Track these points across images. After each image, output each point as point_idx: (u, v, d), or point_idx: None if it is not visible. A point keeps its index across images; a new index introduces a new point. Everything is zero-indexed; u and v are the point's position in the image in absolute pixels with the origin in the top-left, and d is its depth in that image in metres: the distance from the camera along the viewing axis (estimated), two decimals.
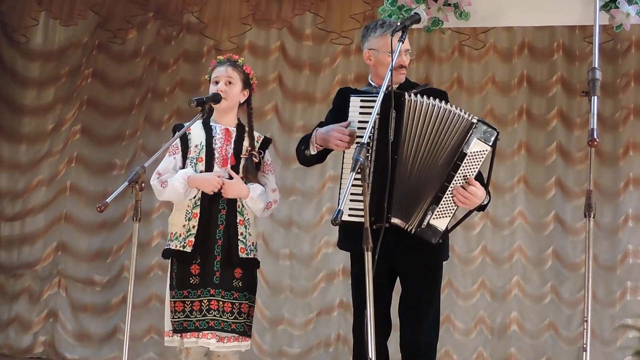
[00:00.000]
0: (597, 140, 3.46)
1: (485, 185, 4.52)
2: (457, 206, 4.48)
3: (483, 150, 4.44)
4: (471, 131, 4.44)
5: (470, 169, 4.45)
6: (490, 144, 4.44)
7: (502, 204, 7.70)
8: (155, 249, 7.84)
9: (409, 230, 4.46)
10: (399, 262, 4.67)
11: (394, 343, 4.75)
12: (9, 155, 8.34)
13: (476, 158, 4.44)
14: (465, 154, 4.42)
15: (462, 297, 7.57)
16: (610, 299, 7.36)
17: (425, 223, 4.45)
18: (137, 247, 4.53)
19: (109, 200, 4.34)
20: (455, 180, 4.44)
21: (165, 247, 5.05)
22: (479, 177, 4.53)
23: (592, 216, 3.58)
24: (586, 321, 3.48)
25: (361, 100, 4.62)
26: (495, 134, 4.45)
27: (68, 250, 8.11)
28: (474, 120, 4.46)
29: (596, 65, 3.66)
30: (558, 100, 7.73)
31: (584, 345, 3.54)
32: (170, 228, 5.06)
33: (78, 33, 8.39)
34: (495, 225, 7.67)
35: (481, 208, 4.64)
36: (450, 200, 4.45)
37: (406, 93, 4.52)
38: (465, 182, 4.44)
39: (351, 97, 4.69)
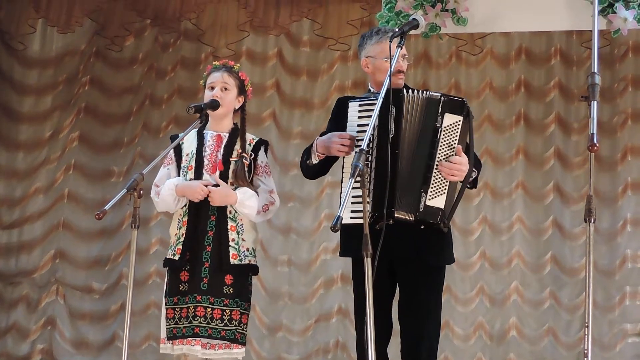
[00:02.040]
0: (598, 145, 3.45)
1: (469, 158, 4.55)
2: (448, 181, 4.50)
3: (456, 122, 4.51)
4: (440, 107, 4.52)
5: (449, 141, 4.50)
6: (461, 113, 4.52)
7: (500, 210, 7.70)
8: (154, 256, 7.84)
9: (408, 219, 4.48)
10: (401, 265, 4.66)
11: (394, 348, 4.74)
12: (7, 162, 8.32)
13: (451, 131, 4.51)
14: (439, 129, 4.48)
15: (461, 303, 7.56)
16: (609, 304, 7.36)
17: (421, 206, 4.46)
18: (135, 254, 4.51)
19: (107, 208, 4.35)
20: (438, 156, 4.49)
21: (165, 258, 5.10)
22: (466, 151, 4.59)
23: (592, 221, 3.57)
24: (587, 327, 3.47)
25: (360, 105, 4.67)
26: (462, 102, 4.56)
27: (66, 258, 8.09)
28: (438, 96, 4.55)
29: (595, 70, 3.65)
30: (556, 106, 7.73)
31: (585, 351, 3.53)
32: (170, 238, 5.10)
33: (75, 40, 8.38)
34: (494, 231, 7.66)
35: (473, 184, 4.74)
36: (439, 177, 4.50)
37: (404, 89, 4.59)
38: (449, 154, 4.50)
39: (350, 103, 4.74)
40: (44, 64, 8.46)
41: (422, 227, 4.52)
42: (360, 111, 4.66)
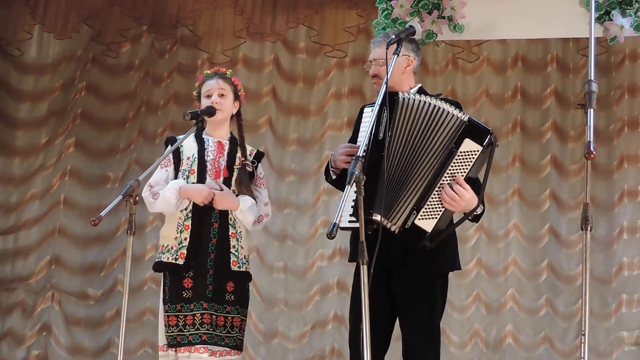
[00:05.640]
0: (594, 152, 3.45)
1: (479, 193, 4.40)
2: (444, 207, 4.37)
3: (474, 151, 4.35)
4: (461, 130, 4.37)
5: (460, 168, 4.36)
6: (483, 144, 4.35)
7: (496, 217, 7.69)
8: (149, 262, 7.79)
9: (392, 230, 4.39)
10: (393, 272, 4.62)
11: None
12: (3, 168, 8.31)
13: (466, 158, 4.36)
14: (454, 153, 4.35)
15: (457, 310, 7.55)
16: (606, 311, 7.36)
17: (409, 223, 4.37)
18: (131, 260, 4.50)
19: (103, 214, 4.34)
20: (443, 179, 4.36)
21: (157, 260, 5.04)
22: (474, 183, 4.44)
23: (589, 229, 3.56)
24: (584, 334, 3.46)
25: (371, 110, 4.60)
26: (489, 134, 4.37)
27: (62, 264, 8.07)
28: (465, 119, 4.39)
29: (592, 78, 3.65)
30: (552, 113, 7.73)
31: (582, 359, 3.52)
32: (162, 241, 5.05)
33: (72, 46, 8.38)
34: (490, 238, 7.65)
35: (475, 218, 4.56)
36: (437, 200, 4.36)
37: (400, 92, 4.52)
38: (453, 181, 4.35)
39: (365, 109, 4.78)
40: (40, 69, 8.45)
41: (405, 241, 4.43)
42: (370, 117, 4.59)
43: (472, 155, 4.36)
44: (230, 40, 8.04)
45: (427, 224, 4.38)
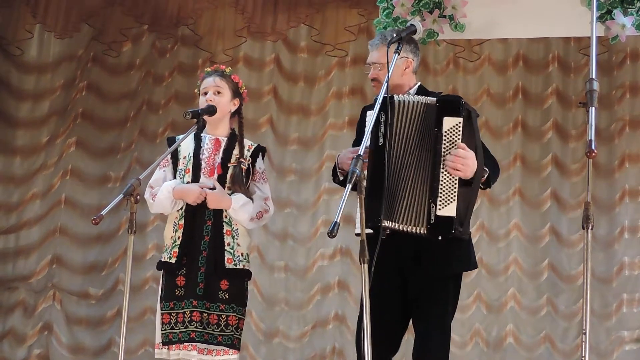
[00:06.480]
0: (595, 151, 3.44)
1: (477, 156, 4.44)
2: (457, 188, 4.38)
3: (456, 124, 4.41)
4: (435, 112, 4.42)
5: (452, 145, 4.39)
6: (461, 114, 4.41)
7: (497, 216, 7.69)
8: (150, 261, 7.81)
9: (420, 232, 4.41)
10: (407, 274, 4.62)
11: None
12: (4, 167, 8.31)
13: (453, 134, 4.40)
14: (441, 135, 4.39)
15: (458, 310, 7.45)
16: (606, 311, 7.35)
17: (432, 218, 4.37)
18: (132, 259, 4.50)
19: (104, 213, 4.35)
20: (442, 162, 4.38)
21: (159, 260, 5.09)
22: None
23: (590, 228, 3.56)
24: (584, 334, 3.46)
25: (371, 113, 4.61)
26: (459, 103, 4.44)
27: (63, 263, 8.07)
28: (433, 101, 4.46)
29: (593, 77, 3.64)
30: (553, 112, 7.72)
31: (582, 358, 3.52)
32: (164, 241, 5.10)
33: (73, 46, 8.37)
34: (491, 238, 7.64)
35: (487, 185, 4.63)
36: (446, 184, 4.39)
37: (395, 95, 4.52)
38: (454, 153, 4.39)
39: (367, 112, 4.74)
40: (41, 69, 8.45)
41: (440, 237, 4.42)
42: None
43: (456, 129, 4.42)
44: (231, 40, 8.04)
45: (449, 210, 4.39)
